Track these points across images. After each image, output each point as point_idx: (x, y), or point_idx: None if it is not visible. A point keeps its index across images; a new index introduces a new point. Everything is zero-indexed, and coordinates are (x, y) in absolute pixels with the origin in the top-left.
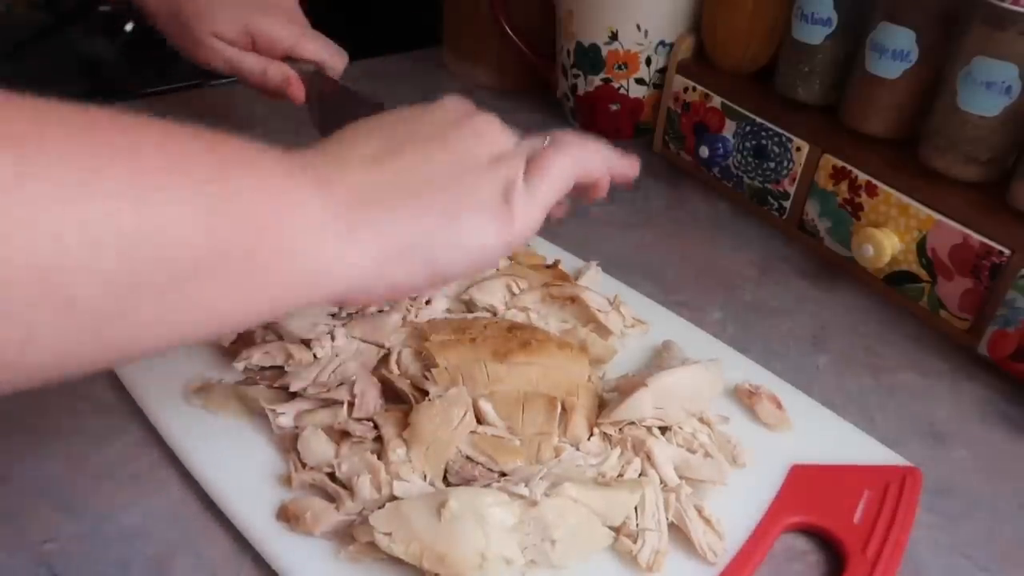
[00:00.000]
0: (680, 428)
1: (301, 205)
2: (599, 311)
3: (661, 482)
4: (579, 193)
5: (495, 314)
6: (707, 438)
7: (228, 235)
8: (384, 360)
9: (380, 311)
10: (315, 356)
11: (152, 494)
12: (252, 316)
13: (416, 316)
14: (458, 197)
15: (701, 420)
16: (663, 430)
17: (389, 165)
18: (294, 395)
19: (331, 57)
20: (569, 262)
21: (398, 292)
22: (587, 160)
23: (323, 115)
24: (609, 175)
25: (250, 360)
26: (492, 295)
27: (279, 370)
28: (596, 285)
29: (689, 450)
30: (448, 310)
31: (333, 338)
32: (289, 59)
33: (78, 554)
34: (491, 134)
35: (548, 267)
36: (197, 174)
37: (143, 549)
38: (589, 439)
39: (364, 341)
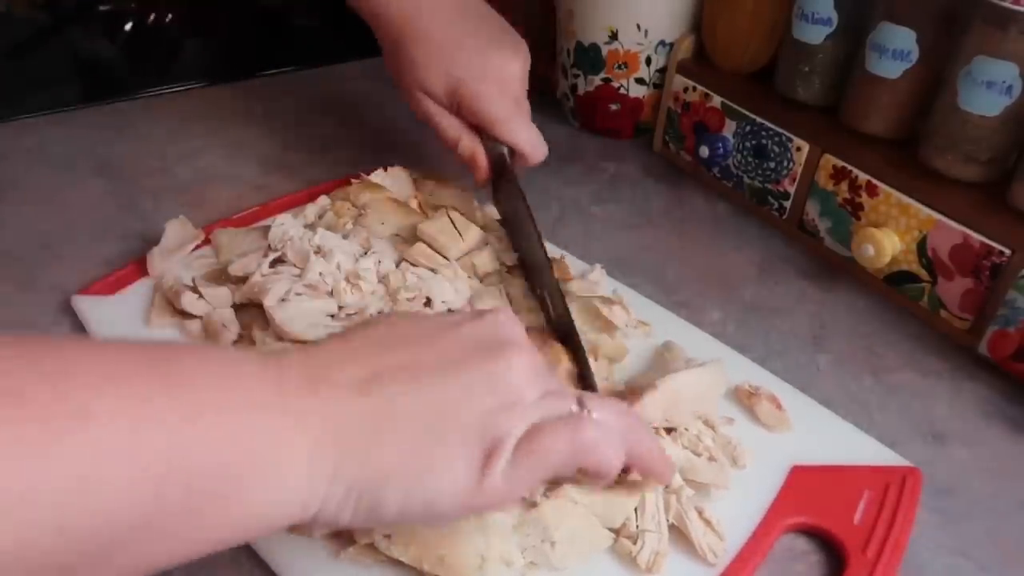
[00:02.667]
0: (686, 430)
1: (269, 439)
2: (603, 303)
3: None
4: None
5: None
6: (711, 441)
7: (190, 484)
8: None
9: (380, 312)
10: None
11: None
12: (206, 551)
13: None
14: (431, 446)
15: (705, 423)
16: (668, 431)
17: (372, 394)
18: None
19: (530, 150)
20: (570, 262)
21: (333, 526)
22: (597, 450)
23: (496, 195)
24: (646, 466)
25: None
26: (493, 301)
27: None
28: (600, 287)
29: (694, 452)
30: (449, 310)
31: None
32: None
33: None
34: (512, 377)
35: None
36: (161, 415)
37: None
38: None
39: None
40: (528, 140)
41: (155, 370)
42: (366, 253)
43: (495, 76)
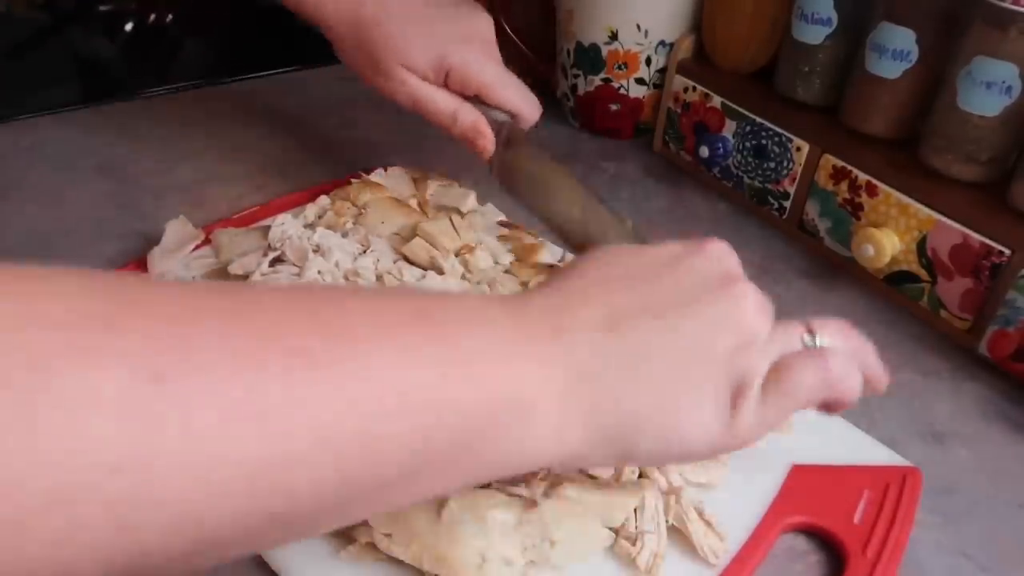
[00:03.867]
0: None
1: (527, 385)
2: None
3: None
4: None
5: None
6: None
7: (455, 430)
8: None
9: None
10: None
11: None
12: (457, 488)
13: None
14: (684, 388)
15: None
16: None
17: (622, 335)
18: None
19: (527, 107)
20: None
21: (585, 467)
22: (844, 380)
23: (502, 169)
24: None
25: None
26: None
27: None
28: None
29: None
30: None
31: None
32: (478, 101)
33: None
34: (745, 314)
35: (550, 267)
36: (428, 354)
37: None
38: None
39: None
40: (525, 100)
41: (421, 320)
42: (364, 252)
43: (477, 39)
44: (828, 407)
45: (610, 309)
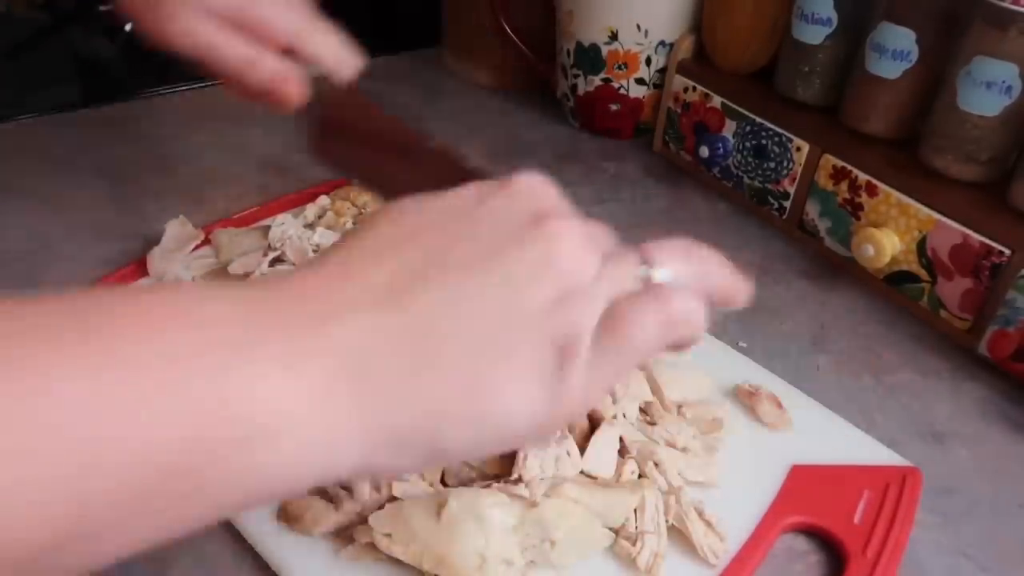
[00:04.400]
0: (667, 430)
1: (260, 398)
2: None
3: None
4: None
5: None
6: (694, 440)
7: (151, 461)
8: None
9: None
10: None
11: None
12: (206, 522)
13: None
14: (492, 360)
15: (690, 420)
16: (651, 424)
17: (405, 306)
18: None
19: (344, 56)
20: None
21: (391, 475)
22: (689, 317)
23: (322, 132)
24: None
25: None
26: None
27: None
28: None
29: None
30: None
31: None
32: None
33: None
34: (562, 257)
35: None
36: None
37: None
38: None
39: None
40: (340, 46)
41: (84, 329)
42: None
43: None
44: (673, 348)
45: (390, 276)
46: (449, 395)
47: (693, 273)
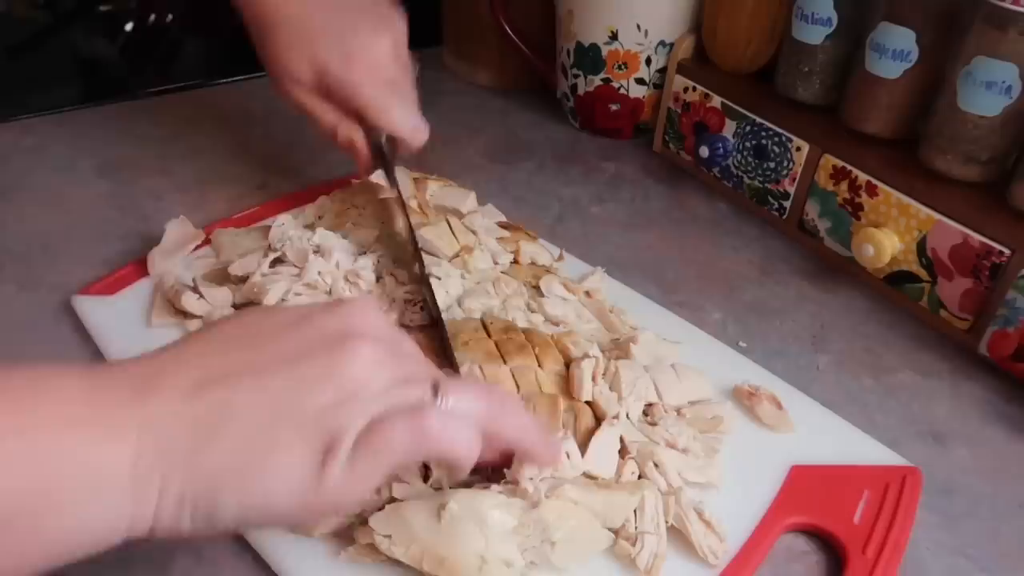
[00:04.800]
0: (668, 431)
1: (87, 458)
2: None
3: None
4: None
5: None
6: (694, 441)
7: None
8: None
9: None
10: None
11: None
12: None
13: (411, 321)
14: (266, 448)
15: (690, 420)
16: (651, 424)
17: (202, 398)
18: None
19: (408, 135)
20: (570, 263)
21: (181, 537)
22: (445, 439)
23: (390, 180)
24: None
25: None
26: (484, 300)
27: None
28: (601, 289)
29: (679, 449)
30: (445, 310)
31: None
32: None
33: None
34: (349, 369)
35: (547, 268)
36: None
37: (143, 549)
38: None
39: None
40: (405, 125)
41: None
42: (364, 252)
43: (361, 58)
44: (446, 466)
45: (205, 372)
46: (226, 465)
47: (481, 410)
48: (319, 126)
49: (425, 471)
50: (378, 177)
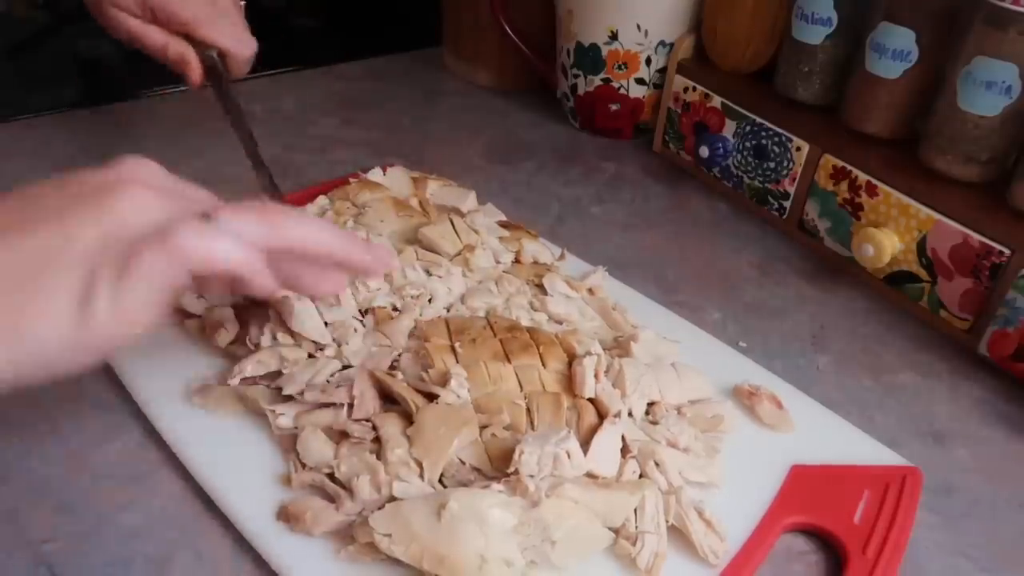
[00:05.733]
0: (669, 430)
1: None
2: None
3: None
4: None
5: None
6: (695, 440)
7: None
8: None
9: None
10: (310, 355)
11: (152, 494)
12: None
13: (421, 315)
14: (27, 289)
15: (690, 419)
16: (653, 423)
17: None
18: (292, 396)
19: (234, 45)
20: (571, 263)
21: None
22: (203, 253)
23: (226, 104)
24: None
25: (243, 373)
26: (487, 299)
27: (278, 371)
28: (602, 289)
29: (681, 448)
30: (447, 308)
31: (339, 343)
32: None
33: (78, 554)
34: (113, 212)
35: (548, 266)
36: None
37: (143, 549)
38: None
39: (379, 345)
40: (230, 37)
41: None
42: None
43: None
44: (235, 285)
45: None
46: None
47: (257, 227)
48: (149, 48)
49: (421, 469)
50: (375, 176)
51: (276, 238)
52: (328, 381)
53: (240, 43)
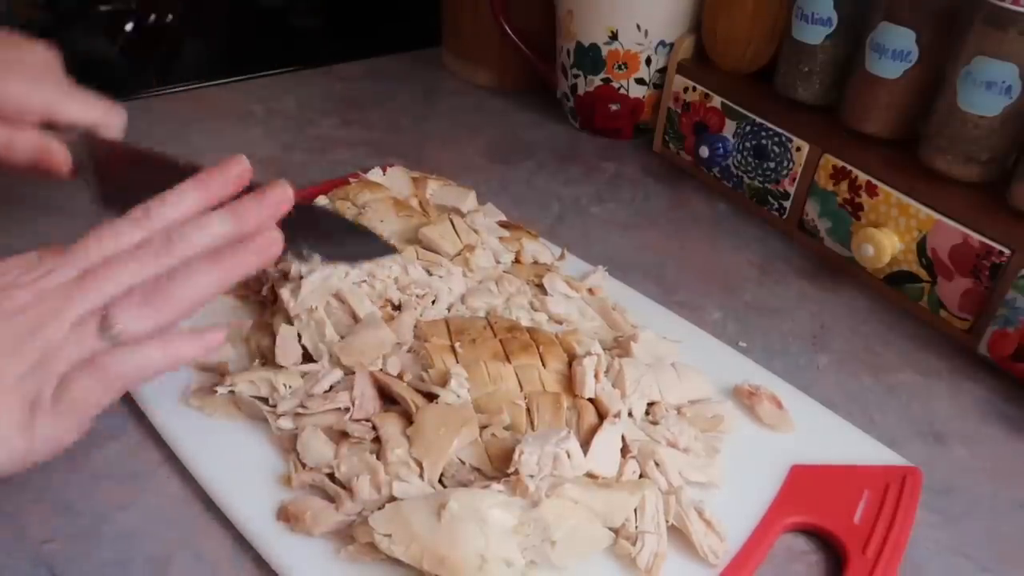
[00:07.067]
0: (669, 430)
1: None
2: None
3: (668, 485)
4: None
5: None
6: (695, 440)
7: None
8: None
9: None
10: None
11: (152, 494)
12: None
13: (421, 315)
14: None
15: (689, 418)
16: (653, 423)
17: None
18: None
19: (103, 115)
20: (571, 262)
21: None
22: (132, 370)
23: (104, 185)
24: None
25: (233, 387)
26: (491, 297)
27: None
28: (602, 289)
29: (681, 448)
30: (448, 308)
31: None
32: (50, 126)
33: (78, 554)
34: (21, 334)
35: (548, 266)
36: None
37: (143, 549)
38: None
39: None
40: (97, 106)
41: None
42: None
43: (19, 64)
44: (141, 381)
45: None
46: None
47: (155, 318)
48: None
49: (420, 469)
50: (375, 176)
51: (173, 310)
52: (330, 389)
53: (110, 111)
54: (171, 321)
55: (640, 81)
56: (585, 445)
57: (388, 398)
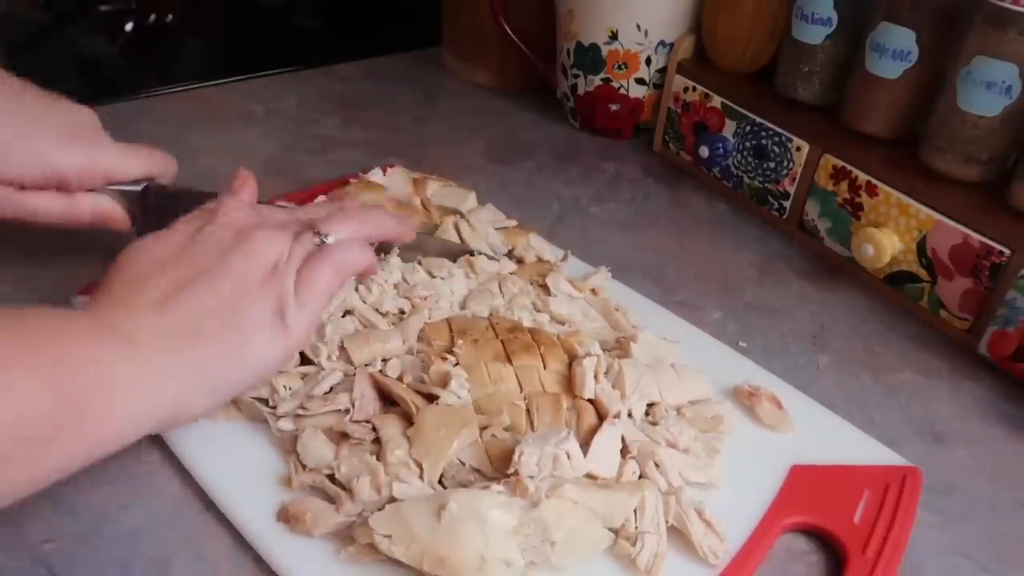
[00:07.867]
0: (669, 431)
1: (109, 370)
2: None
3: (667, 485)
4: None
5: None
6: (695, 441)
7: (57, 408)
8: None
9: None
10: (304, 376)
11: (152, 494)
12: (80, 465)
13: (430, 317)
14: (238, 323)
15: (689, 418)
16: (653, 424)
17: (175, 307)
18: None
19: (159, 166)
20: (571, 263)
21: (198, 418)
22: (351, 260)
23: (155, 228)
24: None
25: None
26: (492, 299)
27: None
28: (604, 289)
29: (681, 448)
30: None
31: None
32: (109, 185)
33: (78, 554)
34: (263, 248)
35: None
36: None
37: (143, 549)
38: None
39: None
40: (153, 161)
41: (21, 336)
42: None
43: (78, 128)
44: (359, 276)
45: (161, 291)
46: (216, 353)
47: (354, 233)
48: (48, 219)
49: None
50: (376, 176)
51: (366, 234)
52: (330, 391)
53: (164, 160)
54: (361, 236)
55: (640, 81)
56: (585, 446)
57: (388, 399)
